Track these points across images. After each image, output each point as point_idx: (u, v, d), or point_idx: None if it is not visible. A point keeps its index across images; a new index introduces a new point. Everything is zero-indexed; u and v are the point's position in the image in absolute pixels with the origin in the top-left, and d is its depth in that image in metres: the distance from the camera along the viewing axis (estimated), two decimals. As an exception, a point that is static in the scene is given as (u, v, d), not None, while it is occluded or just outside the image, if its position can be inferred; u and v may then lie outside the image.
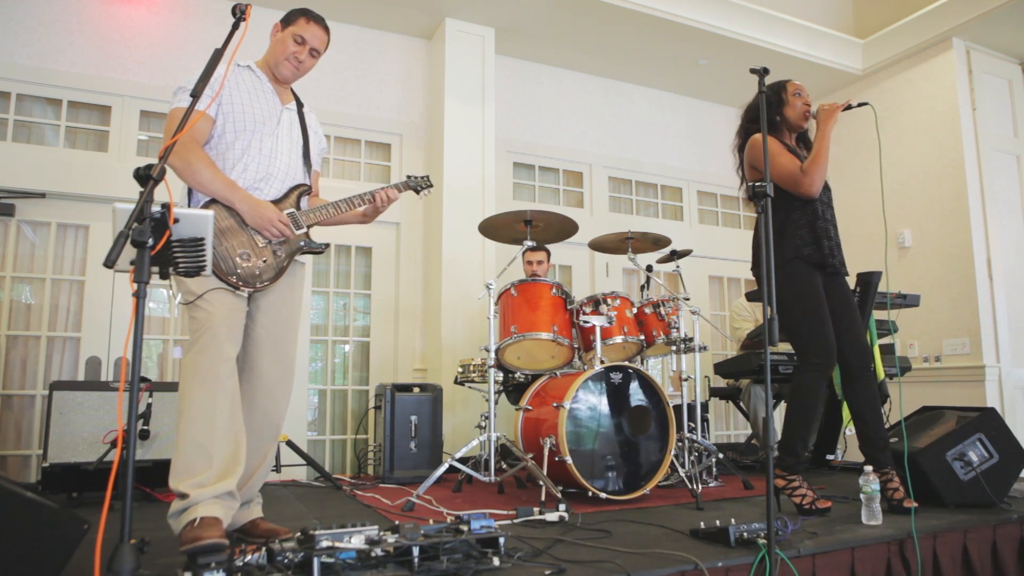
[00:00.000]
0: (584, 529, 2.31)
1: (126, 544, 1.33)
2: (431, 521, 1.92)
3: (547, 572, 1.74)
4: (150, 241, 1.42)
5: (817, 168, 2.67)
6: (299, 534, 1.73)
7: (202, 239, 1.61)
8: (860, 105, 2.81)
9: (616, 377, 3.05)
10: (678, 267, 3.94)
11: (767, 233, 2.08)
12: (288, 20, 2.31)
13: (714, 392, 4.79)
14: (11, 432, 3.83)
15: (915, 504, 2.51)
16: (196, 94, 1.73)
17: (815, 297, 2.65)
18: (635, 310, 3.43)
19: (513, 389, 3.91)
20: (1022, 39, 5.22)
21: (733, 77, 5.63)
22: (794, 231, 2.71)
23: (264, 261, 2.15)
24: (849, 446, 4.26)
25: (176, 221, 1.52)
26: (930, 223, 5.19)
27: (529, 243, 3.49)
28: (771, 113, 2.82)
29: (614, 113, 5.78)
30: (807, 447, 2.74)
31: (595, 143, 5.66)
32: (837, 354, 2.69)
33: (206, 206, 2.11)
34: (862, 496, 2.41)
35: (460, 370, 3.88)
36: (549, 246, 4.31)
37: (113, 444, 3.08)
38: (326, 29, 2.34)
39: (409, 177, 2.68)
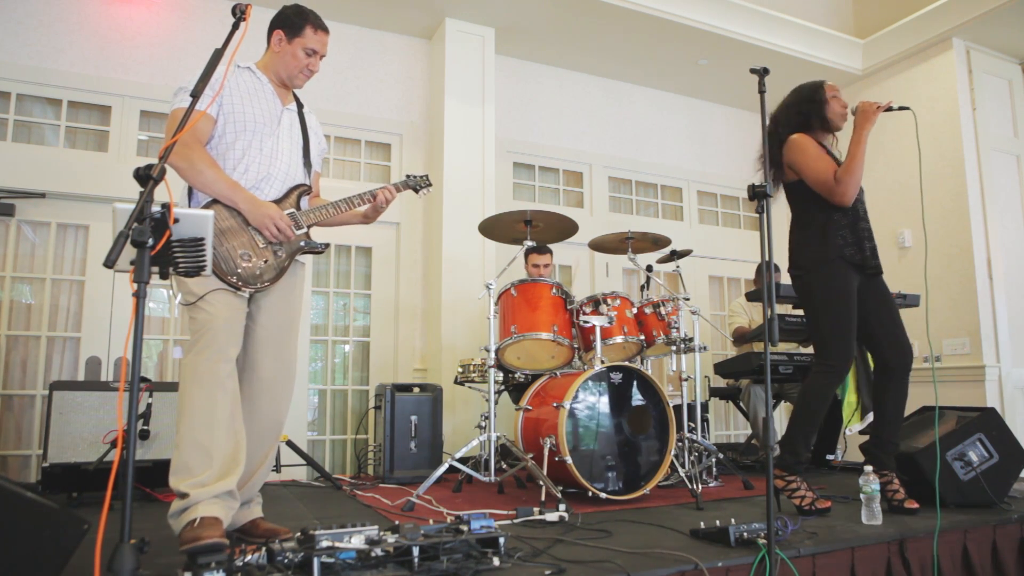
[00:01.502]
0: (584, 529, 2.31)
1: (126, 544, 1.33)
2: (431, 521, 1.92)
3: (547, 572, 1.74)
4: (150, 241, 1.42)
5: (851, 176, 2.61)
6: (299, 534, 1.73)
7: (202, 239, 1.61)
8: (901, 108, 2.73)
9: (616, 377, 3.05)
10: (678, 267, 3.94)
11: (767, 233, 2.08)
12: (293, 30, 2.27)
13: (714, 392, 4.79)
14: (11, 432, 3.83)
15: (917, 505, 2.52)
16: (196, 94, 1.73)
17: (846, 299, 2.63)
18: (635, 310, 3.43)
19: (513, 389, 3.90)
20: (1022, 39, 5.21)
21: (733, 77, 5.63)
22: (836, 232, 2.68)
23: (265, 261, 2.15)
24: (849, 446, 4.26)
25: (176, 221, 1.52)
26: (930, 223, 5.19)
27: (529, 243, 3.49)
28: (813, 113, 2.78)
29: (614, 113, 5.78)
30: (809, 447, 2.74)
31: (595, 143, 5.65)
32: (876, 351, 2.74)
33: (207, 206, 2.11)
34: (862, 496, 2.41)
35: (460, 370, 3.88)
36: (549, 246, 4.32)
37: (113, 444, 3.08)
38: (327, 30, 2.34)
39: (408, 176, 2.69)
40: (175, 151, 2.03)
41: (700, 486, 3.05)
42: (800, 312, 2.96)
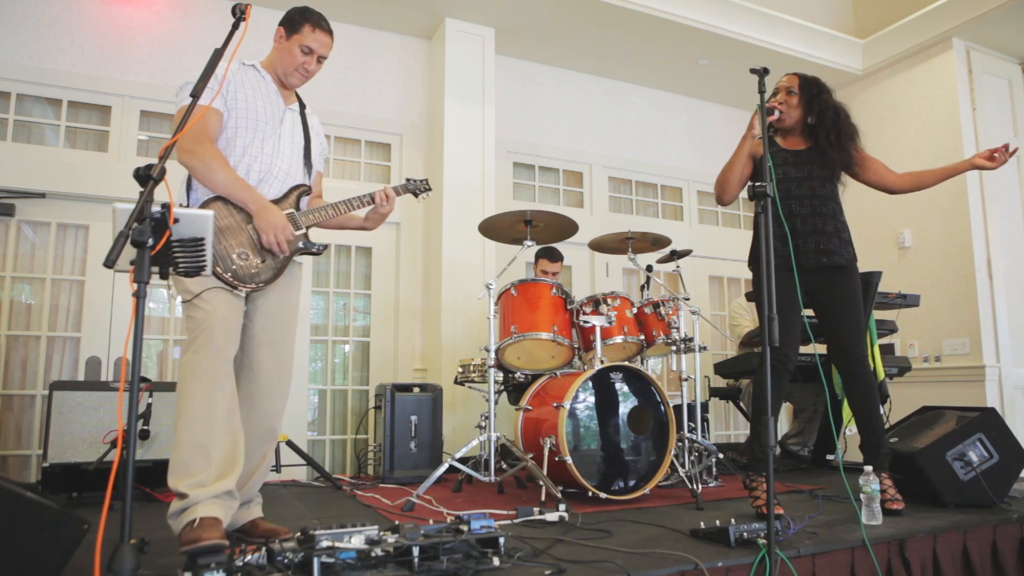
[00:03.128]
0: (584, 529, 2.31)
1: (126, 544, 1.33)
2: (431, 521, 1.92)
3: (547, 572, 1.74)
4: (150, 241, 1.43)
5: (717, 178, 2.78)
6: (299, 534, 1.73)
7: (202, 239, 1.61)
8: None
9: (616, 377, 3.05)
10: (678, 267, 3.94)
11: (767, 233, 2.08)
12: (292, 27, 2.28)
13: (714, 392, 4.79)
14: (11, 432, 3.83)
15: (899, 507, 2.51)
16: (196, 94, 1.73)
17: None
18: (635, 310, 3.43)
19: (513, 389, 3.90)
20: (1022, 39, 5.21)
21: (733, 77, 5.63)
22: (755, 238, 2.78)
23: (262, 261, 2.15)
24: (849, 446, 4.26)
25: (176, 221, 1.52)
26: (930, 223, 5.19)
27: (529, 242, 3.48)
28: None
29: (614, 113, 5.78)
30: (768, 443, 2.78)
31: (595, 143, 5.65)
32: (833, 354, 2.74)
33: (206, 204, 2.11)
34: (862, 496, 2.40)
35: (460, 370, 3.88)
36: (561, 253, 4.35)
37: (113, 444, 3.08)
38: (330, 32, 2.33)
39: (408, 180, 2.70)
40: (189, 151, 2.05)
41: (700, 486, 3.05)
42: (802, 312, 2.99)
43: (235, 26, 1.86)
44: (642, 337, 3.40)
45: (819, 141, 2.76)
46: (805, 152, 2.78)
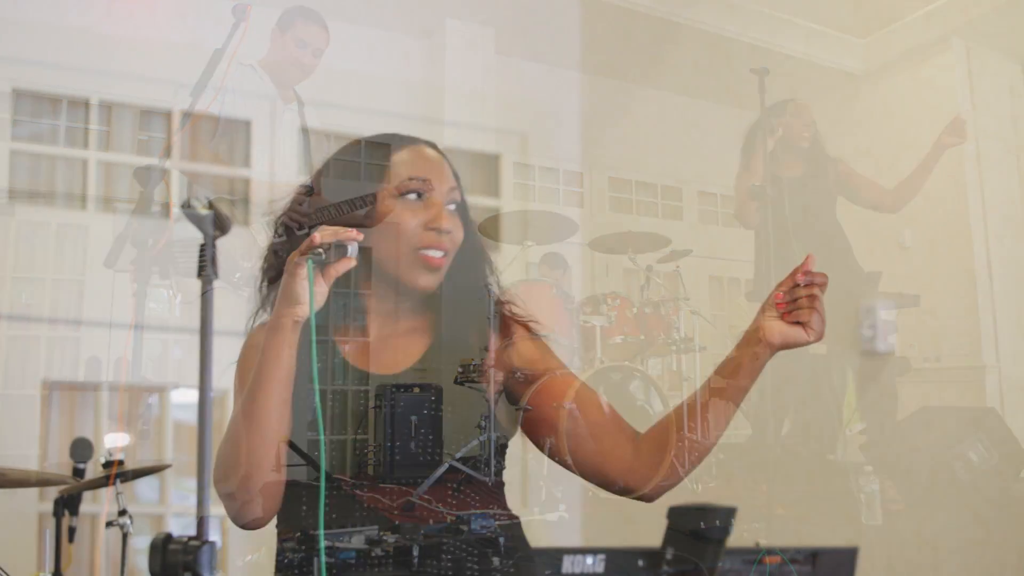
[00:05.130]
0: (584, 529, 2.31)
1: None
2: (431, 521, 1.92)
3: (547, 572, 1.74)
4: (150, 241, 1.43)
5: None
6: (299, 534, 1.73)
7: (202, 239, 1.61)
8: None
9: (616, 377, 3.05)
10: (678, 267, 3.94)
11: (768, 233, 2.08)
12: (285, 24, 2.30)
13: (714, 392, 4.78)
14: (10, 432, 3.83)
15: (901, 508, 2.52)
16: (196, 95, 1.74)
17: None
18: (635, 310, 3.43)
19: (513, 389, 3.90)
20: (1022, 39, 5.21)
21: (733, 77, 5.62)
22: None
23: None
24: (849, 446, 4.26)
25: (176, 221, 1.52)
26: (930, 223, 5.18)
27: (530, 243, 3.49)
28: None
29: (614, 113, 5.78)
30: None
31: (595, 143, 5.65)
32: None
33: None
34: (862, 496, 2.40)
35: (460, 370, 3.86)
36: (563, 259, 4.33)
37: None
38: (324, 26, 2.34)
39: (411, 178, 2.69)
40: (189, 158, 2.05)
41: (700, 486, 3.05)
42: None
43: (235, 26, 1.86)
44: (642, 337, 3.40)
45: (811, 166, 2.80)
46: (800, 178, 2.81)
